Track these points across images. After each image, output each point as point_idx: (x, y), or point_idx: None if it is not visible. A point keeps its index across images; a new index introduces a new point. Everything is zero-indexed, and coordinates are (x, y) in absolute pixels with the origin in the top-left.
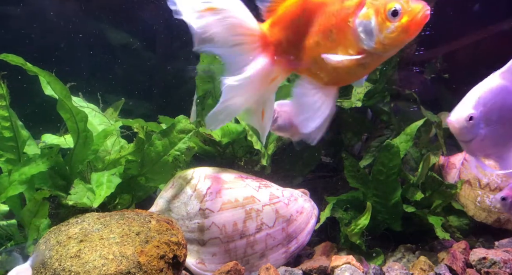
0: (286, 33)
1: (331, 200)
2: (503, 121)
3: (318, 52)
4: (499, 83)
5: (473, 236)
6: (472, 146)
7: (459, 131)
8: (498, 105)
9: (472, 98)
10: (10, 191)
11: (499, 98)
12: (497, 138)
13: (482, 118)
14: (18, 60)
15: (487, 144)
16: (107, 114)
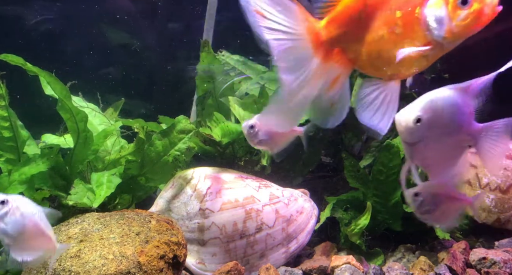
0: (345, 30)
1: (331, 200)
2: (447, 135)
3: (381, 46)
4: (453, 97)
5: (473, 236)
6: (414, 149)
7: (404, 131)
8: (446, 118)
9: (424, 101)
10: (10, 191)
11: (448, 111)
12: (439, 151)
13: (428, 124)
14: (18, 60)
15: (429, 153)
16: (107, 114)
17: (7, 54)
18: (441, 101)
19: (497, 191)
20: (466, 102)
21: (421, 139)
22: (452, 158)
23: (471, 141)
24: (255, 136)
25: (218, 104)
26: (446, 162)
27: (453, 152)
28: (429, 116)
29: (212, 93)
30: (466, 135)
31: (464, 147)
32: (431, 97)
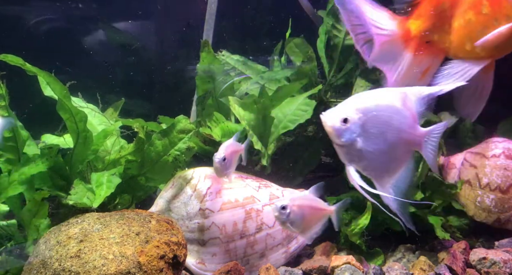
0: (432, 22)
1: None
2: (386, 138)
3: (470, 30)
4: (388, 100)
5: (473, 236)
6: (346, 151)
7: (330, 130)
8: (380, 121)
9: (354, 102)
10: (10, 191)
11: (382, 112)
12: (379, 154)
13: (359, 125)
14: (17, 60)
15: (365, 157)
16: (107, 114)
17: (6, 54)
18: (373, 103)
19: (497, 191)
20: (407, 106)
21: (353, 140)
22: (396, 162)
23: (416, 146)
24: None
25: (218, 104)
26: (390, 166)
27: (396, 156)
28: (359, 117)
29: (212, 93)
30: (410, 139)
31: (408, 152)
32: (362, 98)
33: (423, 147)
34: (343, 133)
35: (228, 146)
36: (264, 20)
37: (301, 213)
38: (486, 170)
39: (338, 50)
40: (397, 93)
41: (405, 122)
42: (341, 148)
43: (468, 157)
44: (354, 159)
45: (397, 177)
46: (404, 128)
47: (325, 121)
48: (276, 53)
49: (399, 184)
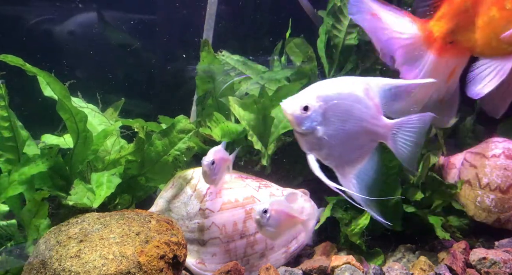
0: (455, 22)
1: (331, 200)
2: (347, 128)
3: (495, 26)
4: (350, 89)
5: (473, 236)
6: (306, 140)
7: (290, 118)
8: (341, 110)
9: (315, 89)
10: (10, 191)
11: (343, 101)
12: (340, 144)
13: (320, 113)
14: (17, 60)
15: (326, 146)
16: (107, 114)
17: (6, 54)
18: (335, 91)
19: (497, 191)
20: (369, 96)
21: (313, 129)
22: (358, 153)
23: (381, 137)
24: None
25: (218, 104)
26: (351, 156)
27: (358, 146)
28: (319, 105)
29: (212, 93)
30: (373, 130)
31: (373, 143)
32: (323, 86)
33: (391, 140)
34: (304, 121)
35: (217, 151)
36: (264, 20)
37: (278, 218)
38: (486, 170)
39: (338, 50)
40: (359, 83)
41: (367, 112)
42: (302, 136)
43: (468, 157)
44: (314, 147)
45: (360, 168)
46: (366, 118)
47: (285, 109)
48: (276, 53)
49: (362, 176)
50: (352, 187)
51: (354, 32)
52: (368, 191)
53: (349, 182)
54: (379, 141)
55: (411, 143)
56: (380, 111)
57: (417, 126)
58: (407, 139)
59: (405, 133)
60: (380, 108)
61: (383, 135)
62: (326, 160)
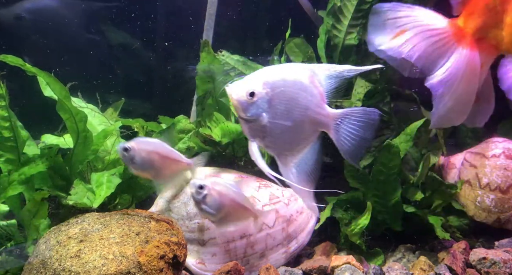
0: (483, 19)
1: (331, 200)
2: (291, 116)
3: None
4: (296, 76)
5: (473, 236)
6: (250, 126)
7: (235, 103)
8: (286, 97)
9: (262, 75)
10: (10, 191)
11: (290, 88)
12: (284, 132)
13: (266, 100)
14: (17, 61)
15: (270, 133)
16: (107, 114)
17: (6, 55)
18: (281, 78)
19: (497, 191)
20: (314, 83)
21: (258, 116)
22: (301, 142)
23: (323, 126)
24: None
25: (218, 104)
26: (294, 145)
27: (301, 135)
28: (266, 91)
29: (212, 93)
30: (316, 119)
31: (315, 132)
32: (269, 72)
33: (333, 130)
34: (249, 107)
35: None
36: (264, 20)
37: (220, 201)
38: (486, 170)
39: (338, 50)
40: (305, 70)
41: (312, 100)
42: (246, 122)
43: (468, 157)
44: (258, 134)
45: (301, 157)
46: (310, 107)
47: (231, 94)
48: (276, 53)
49: (303, 165)
50: (292, 176)
51: (354, 32)
52: (307, 181)
53: (289, 171)
54: (322, 131)
55: (354, 135)
56: (324, 100)
57: (361, 120)
58: (350, 131)
59: (348, 125)
60: (324, 96)
61: (326, 125)
62: (269, 148)
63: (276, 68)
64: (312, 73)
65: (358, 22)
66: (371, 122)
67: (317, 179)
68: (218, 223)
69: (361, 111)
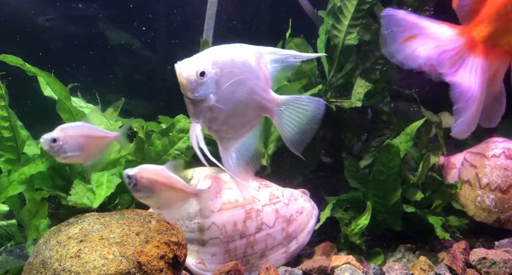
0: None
1: (331, 200)
2: (238, 99)
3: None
4: (244, 57)
5: (473, 236)
6: (196, 107)
7: (184, 82)
8: (236, 77)
9: (211, 55)
10: (10, 191)
11: (239, 70)
12: (229, 115)
13: (214, 81)
14: (16, 61)
15: (215, 116)
16: (107, 114)
17: (5, 55)
18: (230, 58)
19: (497, 191)
20: (260, 66)
21: (206, 96)
22: (244, 126)
23: (267, 112)
24: (60, 151)
25: None
26: (237, 129)
27: (246, 119)
28: (215, 72)
29: None
30: (261, 103)
31: (259, 117)
32: (219, 52)
33: (276, 116)
34: (198, 87)
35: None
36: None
37: (151, 186)
38: (486, 170)
39: (338, 50)
40: (252, 51)
41: (258, 84)
42: (192, 102)
43: (468, 157)
44: (203, 115)
45: (243, 142)
46: (257, 90)
47: (180, 72)
48: None
49: (243, 150)
50: (231, 161)
51: (354, 32)
52: (246, 168)
53: (229, 155)
54: (266, 116)
55: (297, 123)
56: (269, 84)
57: (306, 108)
58: (294, 118)
59: (292, 112)
60: (269, 80)
61: (270, 110)
62: (212, 130)
63: (225, 48)
64: (259, 55)
65: (358, 22)
66: (316, 112)
67: (256, 168)
68: (159, 208)
69: (306, 99)
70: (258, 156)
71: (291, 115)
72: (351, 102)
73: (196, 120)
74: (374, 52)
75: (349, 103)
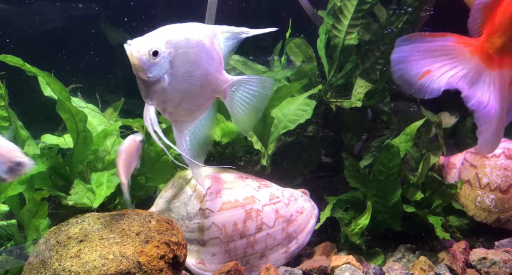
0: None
1: (331, 200)
2: (192, 80)
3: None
4: (198, 37)
5: (473, 236)
6: (149, 88)
7: (136, 62)
8: (189, 60)
9: (165, 34)
10: (10, 191)
11: (192, 52)
12: (183, 97)
13: (168, 61)
14: (16, 61)
15: (169, 97)
16: (106, 114)
17: (5, 55)
18: (184, 37)
19: (497, 191)
20: (214, 46)
21: (160, 77)
22: (199, 107)
23: (220, 93)
24: None
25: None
26: (192, 111)
27: (200, 100)
28: (169, 51)
29: None
30: (215, 84)
31: (212, 99)
32: (173, 30)
33: (228, 97)
34: (151, 67)
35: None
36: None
37: None
38: (486, 170)
39: (338, 50)
40: (206, 31)
41: (212, 65)
42: (144, 83)
43: (468, 157)
44: (156, 97)
45: (196, 125)
46: (211, 71)
47: (131, 52)
48: (276, 53)
49: (197, 132)
50: (184, 143)
51: (354, 32)
52: (199, 152)
53: (183, 138)
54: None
55: (247, 104)
56: (221, 64)
57: (256, 90)
58: (245, 99)
59: (243, 93)
60: (222, 61)
61: (222, 91)
62: (166, 112)
63: (179, 27)
64: (213, 35)
65: (358, 22)
66: (265, 92)
67: (207, 152)
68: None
69: (256, 79)
70: (210, 138)
71: (242, 96)
72: (351, 102)
73: (150, 102)
74: (374, 52)
75: (349, 103)
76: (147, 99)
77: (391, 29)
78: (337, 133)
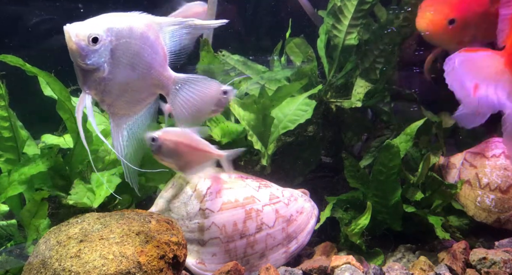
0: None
1: (331, 200)
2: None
3: None
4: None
5: (473, 236)
6: (87, 76)
7: (74, 47)
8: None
9: (106, 21)
10: (10, 191)
11: (135, 43)
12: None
13: (109, 50)
14: (17, 61)
15: (108, 88)
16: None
17: (5, 55)
18: (127, 27)
19: (497, 191)
20: (159, 40)
21: (99, 66)
22: (139, 102)
23: (163, 89)
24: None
25: None
26: (131, 105)
27: (141, 94)
28: (110, 40)
29: None
30: (157, 79)
31: (154, 95)
32: (116, 18)
33: (172, 94)
34: (90, 54)
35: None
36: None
37: (175, 148)
38: (486, 170)
39: (338, 50)
40: (151, 23)
41: (156, 59)
42: (82, 71)
43: (468, 157)
44: (94, 87)
45: (135, 120)
46: (154, 65)
47: (70, 35)
48: (276, 53)
49: (135, 128)
50: (121, 139)
51: (354, 32)
52: (136, 148)
53: (120, 133)
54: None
55: (190, 103)
56: (166, 60)
57: (200, 89)
58: (188, 98)
59: (186, 93)
60: (166, 55)
61: (166, 88)
62: (104, 103)
63: (122, 16)
64: (159, 28)
65: (358, 22)
66: (209, 93)
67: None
68: (183, 170)
69: (201, 79)
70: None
71: (185, 95)
72: (351, 102)
73: (87, 91)
74: (374, 52)
75: (349, 103)
76: (84, 87)
77: (391, 29)
78: (337, 133)
